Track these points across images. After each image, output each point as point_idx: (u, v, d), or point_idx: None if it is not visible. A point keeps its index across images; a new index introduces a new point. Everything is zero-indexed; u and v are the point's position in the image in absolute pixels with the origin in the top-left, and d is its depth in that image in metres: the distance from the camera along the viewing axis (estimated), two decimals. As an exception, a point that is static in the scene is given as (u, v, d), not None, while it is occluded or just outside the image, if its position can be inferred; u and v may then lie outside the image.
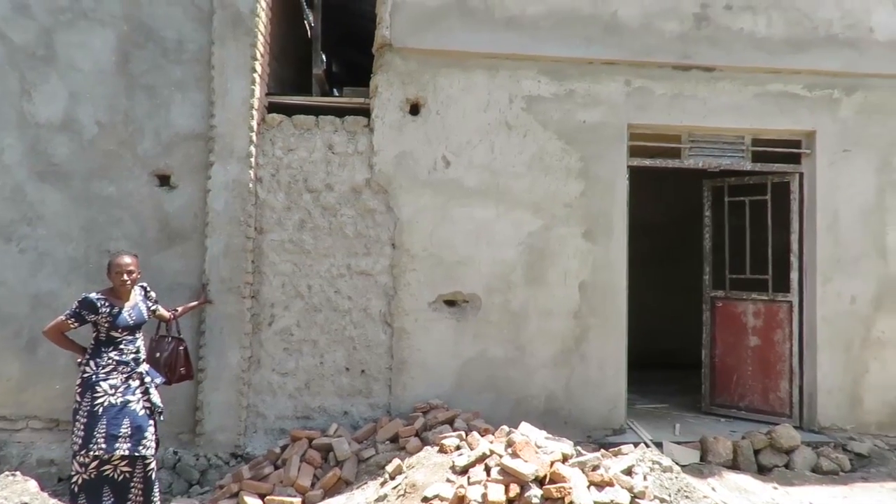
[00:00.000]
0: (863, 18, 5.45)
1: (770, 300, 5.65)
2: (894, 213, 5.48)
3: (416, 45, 5.03)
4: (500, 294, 5.10)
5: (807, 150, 5.50)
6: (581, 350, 5.15)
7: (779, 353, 5.59)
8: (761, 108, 5.39)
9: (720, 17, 5.32)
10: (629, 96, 5.25)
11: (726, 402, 5.88)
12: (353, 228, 5.00)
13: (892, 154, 5.48)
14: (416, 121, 5.08)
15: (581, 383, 5.15)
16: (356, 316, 4.98)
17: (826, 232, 5.41)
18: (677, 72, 5.31)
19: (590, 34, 5.18)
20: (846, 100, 5.46)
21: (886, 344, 5.43)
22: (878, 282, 5.45)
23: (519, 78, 5.16)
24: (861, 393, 5.41)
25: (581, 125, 5.20)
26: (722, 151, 5.51)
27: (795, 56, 5.38)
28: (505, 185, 5.11)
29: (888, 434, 5.36)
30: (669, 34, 5.27)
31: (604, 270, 5.20)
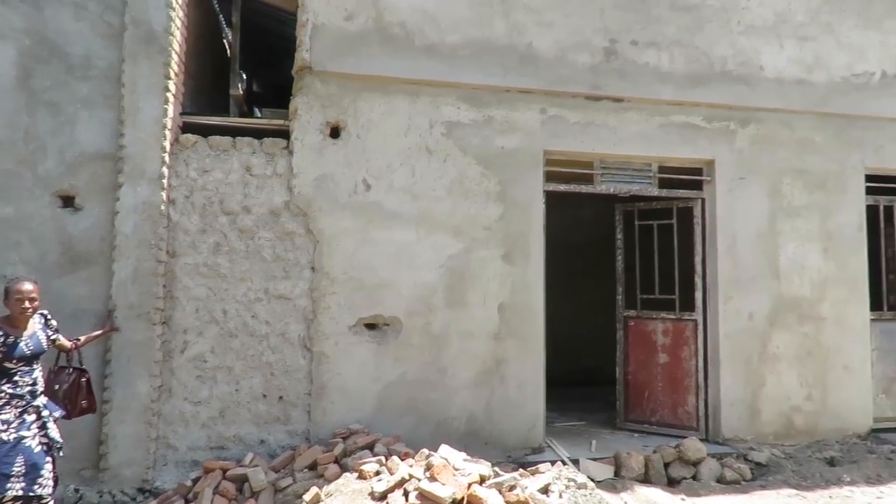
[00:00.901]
0: (753, 57, 5.91)
1: (677, 319, 5.96)
2: (785, 236, 5.92)
3: (337, 68, 5.05)
4: (421, 317, 5.13)
5: (707, 178, 5.88)
6: (501, 371, 5.24)
7: (686, 369, 5.89)
8: (666, 137, 5.73)
9: (628, 51, 5.63)
10: (545, 124, 5.45)
11: (639, 417, 6.11)
12: (272, 251, 4.92)
13: (782, 182, 5.94)
14: (336, 144, 5.08)
15: (501, 404, 5.23)
16: (274, 341, 4.88)
17: (726, 254, 5.78)
18: (589, 102, 5.57)
19: (506, 63, 5.37)
20: (741, 131, 5.89)
21: (781, 358, 5.83)
22: (773, 300, 5.85)
23: (439, 104, 5.27)
24: (759, 405, 5.77)
25: (499, 151, 5.36)
26: (631, 178, 5.80)
27: (695, 90, 5.77)
28: (426, 209, 5.18)
29: (783, 443, 5.72)
30: (581, 66, 5.54)
31: (522, 292, 5.33)
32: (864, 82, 6.18)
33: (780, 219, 5.92)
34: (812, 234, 5.98)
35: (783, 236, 5.92)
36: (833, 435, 5.89)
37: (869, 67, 6.20)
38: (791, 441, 5.78)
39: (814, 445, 5.77)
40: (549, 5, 5.47)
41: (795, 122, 6.02)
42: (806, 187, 5.99)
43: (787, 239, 5.92)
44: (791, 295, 5.90)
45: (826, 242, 6.00)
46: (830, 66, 6.10)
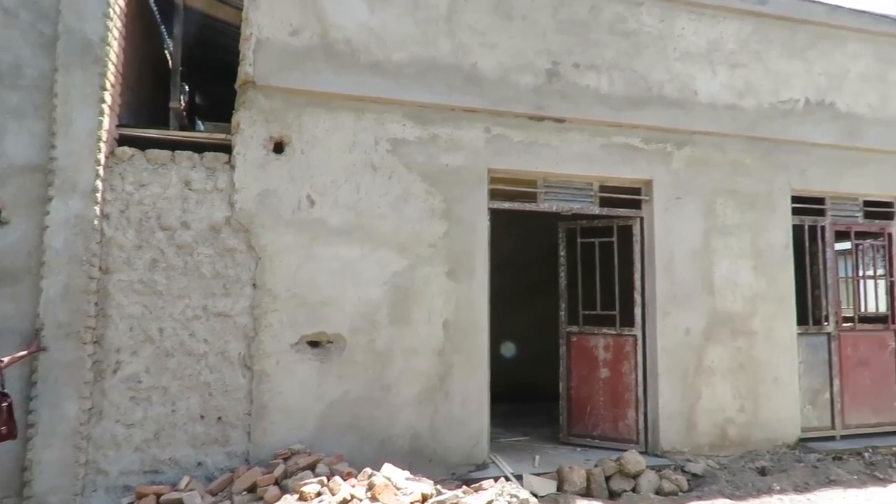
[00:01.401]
0: (688, 82, 6.17)
1: (618, 334, 6.11)
2: (719, 253, 6.16)
3: (281, 83, 5.01)
4: (365, 334, 5.10)
5: (646, 197, 6.08)
6: (445, 387, 5.25)
7: (626, 384, 6.03)
8: (607, 157, 5.90)
9: (569, 73, 5.79)
10: (489, 142, 5.54)
11: (582, 431, 6.21)
12: (212, 268, 4.81)
13: (715, 202, 6.19)
14: (280, 159, 5.02)
15: (445, 420, 5.24)
16: (213, 360, 4.75)
17: (664, 271, 5.97)
18: (532, 122, 5.69)
19: (452, 83, 5.44)
20: (677, 153, 6.12)
21: (715, 371, 6.04)
22: (708, 315, 6.07)
23: (384, 121, 5.28)
24: (696, 417, 5.95)
25: (444, 168, 5.41)
26: (573, 196, 5.94)
27: (634, 112, 5.97)
28: (370, 225, 5.17)
29: (718, 454, 5.92)
30: (525, 87, 5.66)
31: (467, 308, 5.37)
32: (790, 109, 6.52)
33: (714, 237, 6.17)
34: (744, 251, 6.24)
35: (717, 254, 6.16)
36: (764, 445, 6.12)
37: (794, 95, 6.55)
38: (725, 452, 5.97)
39: (746, 456, 5.98)
40: (493, 27, 5.58)
41: (727, 145, 6.30)
42: (738, 207, 6.26)
43: (721, 256, 6.16)
44: (725, 310, 6.13)
45: (756, 260, 6.28)
46: (759, 92, 6.42)
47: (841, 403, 6.58)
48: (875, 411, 6.72)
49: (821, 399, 6.55)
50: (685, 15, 6.23)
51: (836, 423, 6.56)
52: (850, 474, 5.79)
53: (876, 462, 6.11)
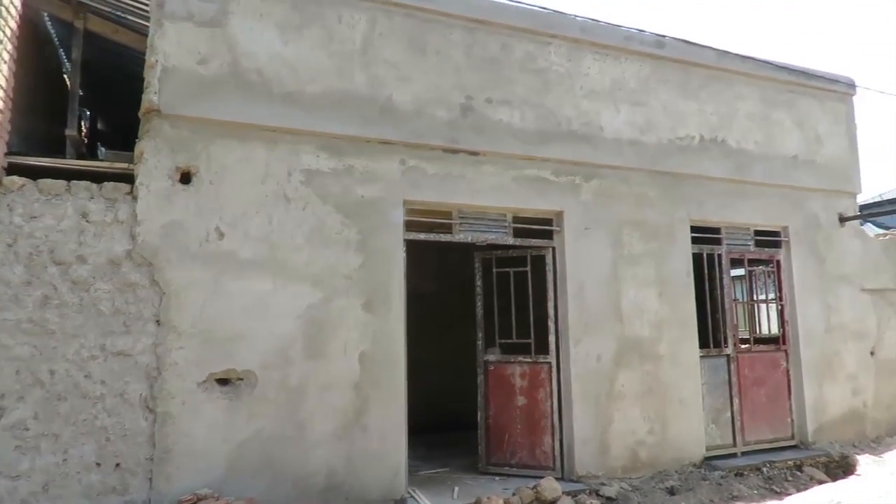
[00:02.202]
0: (595, 119, 6.48)
1: (533, 362, 6.22)
2: (627, 282, 6.43)
3: (188, 112, 4.87)
4: (278, 369, 4.94)
5: (557, 228, 6.28)
6: (362, 422, 5.15)
7: (542, 411, 6.13)
8: (519, 189, 6.07)
9: (483, 108, 5.95)
10: (404, 174, 5.58)
11: (501, 460, 6.24)
12: (111, 304, 4.54)
13: (622, 232, 6.48)
14: (187, 190, 4.85)
15: (362, 456, 5.13)
16: (111, 402, 4.46)
17: (575, 299, 6.16)
18: (447, 154, 5.79)
19: (367, 115, 5.46)
20: (586, 185, 6.38)
21: (626, 396, 6.25)
22: (618, 341, 6.30)
23: (298, 152, 5.22)
24: (609, 441, 6.12)
25: (360, 200, 5.39)
26: (488, 227, 6.06)
27: (545, 146, 6.19)
28: (283, 258, 5.06)
29: (630, 476, 6.09)
30: (440, 120, 5.76)
31: (383, 341, 5.32)
32: (687, 145, 6.97)
33: (622, 266, 6.44)
34: (649, 279, 6.54)
35: (625, 282, 6.42)
36: (673, 465, 6.36)
37: (690, 132, 7.01)
38: (637, 474, 6.16)
39: (657, 476, 6.19)
40: (408, 61, 5.67)
41: (632, 178, 6.63)
42: (643, 237, 6.58)
43: (628, 285, 6.43)
44: (633, 336, 6.38)
45: (661, 287, 6.59)
46: (659, 129, 6.82)
47: (741, 421, 6.96)
48: (771, 428, 7.15)
49: (723, 418, 6.90)
50: (590, 55, 6.56)
51: (737, 440, 6.92)
52: (751, 489, 6.11)
53: (773, 476, 6.47)
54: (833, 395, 7.46)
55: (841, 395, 7.52)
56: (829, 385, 7.45)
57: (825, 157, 7.91)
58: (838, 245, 7.83)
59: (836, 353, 7.57)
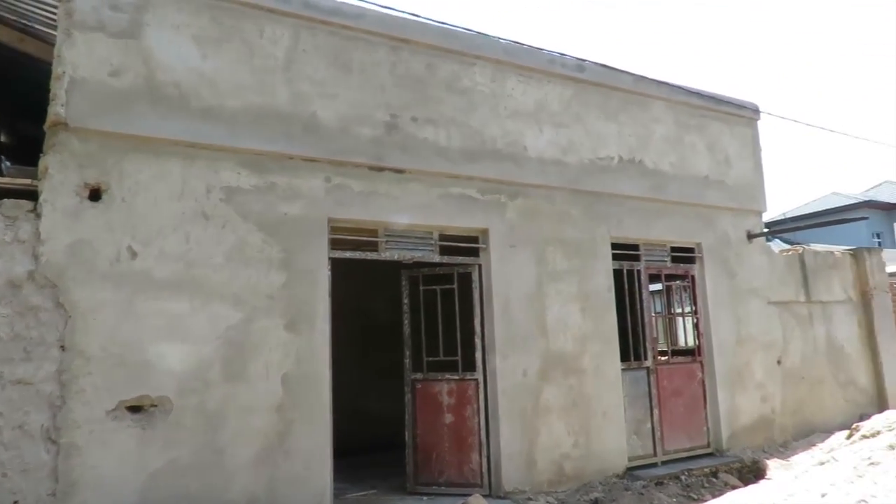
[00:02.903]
0: (519, 138, 6.63)
1: (460, 379, 6.24)
2: (551, 297, 6.57)
3: (99, 126, 4.65)
4: (196, 394, 4.75)
5: (483, 245, 6.36)
6: (285, 446, 5.01)
7: (469, 428, 6.14)
8: (446, 207, 6.12)
9: (408, 126, 5.98)
10: (329, 192, 5.52)
11: (429, 479, 6.20)
12: (9, 329, 4.24)
13: (546, 249, 6.63)
14: (96, 207, 4.62)
15: (285, 481, 4.98)
16: (8, 435, 4.15)
17: (501, 315, 6.24)
18: (373, 172, 5.77)
19: (290, 131, 5.38)
20: (511, 203, 6.51)
21: (551, 410, 6.36)
22: (543, 356, 6.41)
23: (218, 168, 5.08)
24: (535, 456, 6.20)
25: (283, 217, 5.28)
26: (415, 245, 6.07)
27: (470, 165, 6.28)
28: (202, 277, 4.88)
29: (556, 489, 6.18)
30: (365, 138, 5.74)
31: (307, 361, 5.21)
32: (607, 165, 7.23)
33: (546, 282, 6.58)
34: (572, 295, 6.71)
35: (549, 298, 6.56)
36: (597, 477, 6.50)
37: (610, 152, 7.28)
38: (563, 487, 6.26)
39: (582, 489, 6.31)
40: (332, 78, 5.64)
41: (555, 196, 6.81)
42: (566, 254, 6.76)
43: (553, 300, 6.58)
44: (557, 351, 6.52)
45: (584, 303, 6.78)
46: (580, 149, 7.05)
47: (661, 431, 7.21)
48: (689, 436, 7.44)
49: (644, 429, 7.12)
50: (514, 76, 6.73)
51: (658, 450, 7.15)
52: (671, 497, 6.31)
53: (691, 484, 6.72)
54: (744, 404, 7.85)
55: (751, 402, 7.93)
56: (740, 394, 7.83)
57: (734, 178, 8.39)
58: (747, 260, 8.29)
59: (746, 363, 7.98)
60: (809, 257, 9.07)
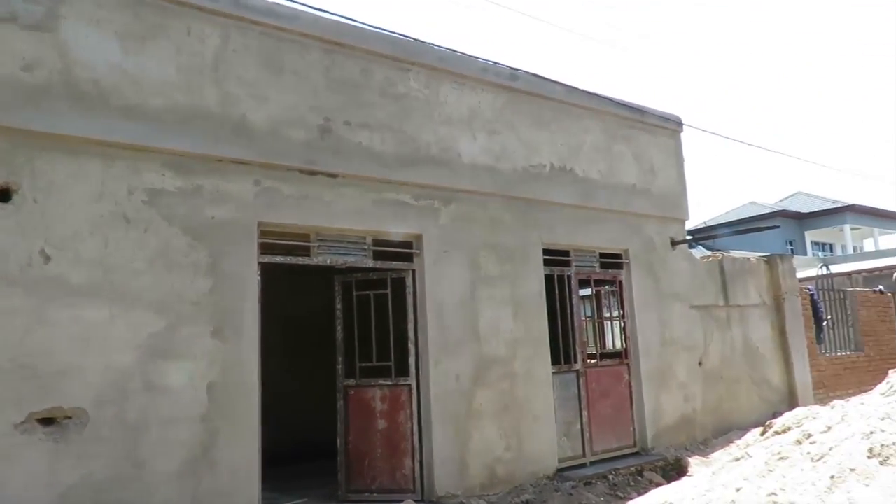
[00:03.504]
0: (453, 144, 6.69)
1: (393, 384, 6.22)
2: (484, 303, 6.65)
3: (8, 122, 4.38)
4: (114, 405, 4.53)
5: (417, 251, 6.37)
6: (210, 457, 4.85)
7: (402, 433, 6.13)
8: (379, 212, 6.10)
9: (341, 130, 5.93)
10: (259, 195, 5.40)
11: (361, 486, 6.14)
12: None
13: (479, 255, 6.71)
14: (5, 209, 4.35)
15: (210, 493, 4.82)
16: None
17: (435, 320, 6.26)
18: (305, 175, 5.69)
19: (218, 133, 5.24)
20: (444, 209, 6.55)
21: (484, 414, 6.42)
22: (476, 361, 6.47)
23: (140, 169, 4.88)
24: (468, 460, 6.24)
25: (210, 221, 5.13)
26: (347, 250, 6.02)
27: (405, 170, 6.28)
28: (122, 283, 4.67)
29: (489, 493, 6.25)
30: (297, 141, 5.66)
31: (235, 370, 5.06)
32: (539, 172, 7.39)
33: (479, 287, 6.65)
34: (504, 300, 6.81)
35: (482, 303, 6.64)
36: (528, 479, 6.60)
37: (542, 160, 7.45)
38: (495, 490, 6.33)
39: (513, 491, 6.40)
40: (263, 79, 5.53)
41: (489, 203, 6.91)
42: (498, 260, 6.85)
43: (486, 305, 6.65)
44: (490, 355, 6.60)
45: (516, 307, 6.89)
46: (513, 157, 7.18)
47: (590, 433, 7.40)
48: (616, 437, 7.68)
49: (573, 430, 7.30)
50: (449, 83, 6.78)
51: (587, 450, 7.34)
52: (598, 497, 6.49)
53: (618, 483, 6.93)
54: (668, 404, 8.17)
55: (674, 402, 8.26)
56: (664, 394, 8.15)
57: (659, 187, 8.74)
58: (671, 266, 8.64)
59: (670, 364, 8.31)
60: (728, 263, 9.54)
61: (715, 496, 4.60)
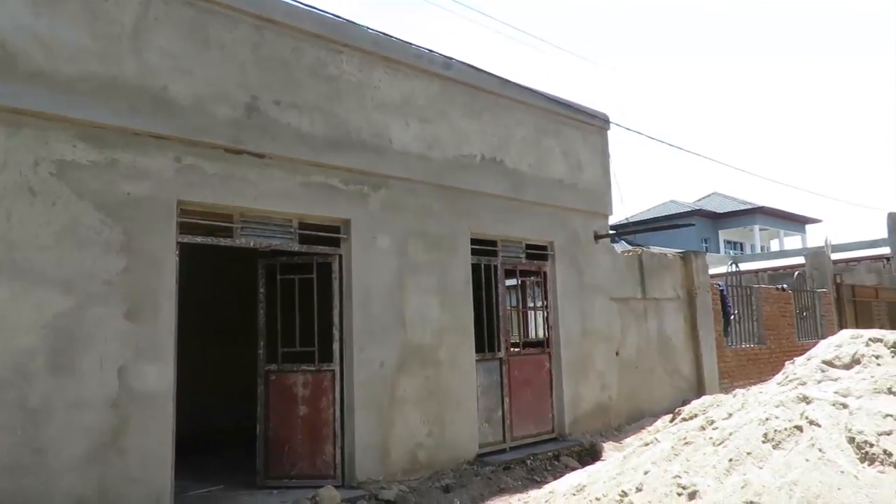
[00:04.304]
0: (384, 130, 6.64)
1: (317, 370, 6.15)
2: (411, 290, 6.67)
3: None
4: (15, 388, 4.27)
5: (344, 236, 6.30)
6: (120, 444, 4.66)
7: (324, 419, 6.08)
8: (307, 195, 5.99)
9: (270, 110, 5.78)
10: (180, 172, 5.19)
11: (281, 473, 6.05)
12: None
13: (408, 242, 6.71)
14: None
15: (119, 481, 4.63)
16: None
17: (360, 306, 6.23)
18: (230, 154, 5.51)
19: (137, 105, 4.99)
20: (374, 195, 6.51)
21: (407, 401, 6.46)
22: (401, 348, 6.49)
23: (48, 139, 4.59)
24: (390, 446, 6.27)
25: (125, 197, 4.89)
26: (273, 233, 5.88)
27: (334, 154, 6.19)
28: (25, 260, 4.40)
29: (410, 478, 6.30)
30: (222, 118, 5.47)
31: (149, 353, 4.87)
32: (469, 162, 7.45)
33: (407, 275, 6.66)
34: (432, 288, 6.85)
35: (409, 290, 6.65)
36: (449, 464, 6.70)
37: (473, 150, 7.51)
38: (416, 475, 6.38)
39: (434, 476, 6.48)
40: (187, 52, 5.30)
41: (419, 190, 6.91)
42: (427, 248, 6.88)
43: (412, 293, 6.67)
44: (415, 343, 6.63)
45: (442, 296, 6.95)
46: (445, 146, 7.21)
47: (510, 419, 7.58)
48: (535, 423, 7.89)
49: (494, 417, 7.45)
50: (382, 68, 6.72)
51: (507, 436, 7.52)
52: (516, 481, 6.67)
53: (535, 468, 7.14)
54: (586, 392, 8.47)
55: (592, 391, 8.57)
56: (583, 383, 8.44)
57: (585, 182, 9.00)
58: (594, 259, 8.93)
59: (589, 354, 8.61)
60: (647, 258, 9.96)
61: (625, 479, 4.82)
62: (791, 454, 3.79)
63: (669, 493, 4.11)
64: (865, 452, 3.52)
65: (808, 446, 3.77)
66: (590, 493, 4.90)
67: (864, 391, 4.23)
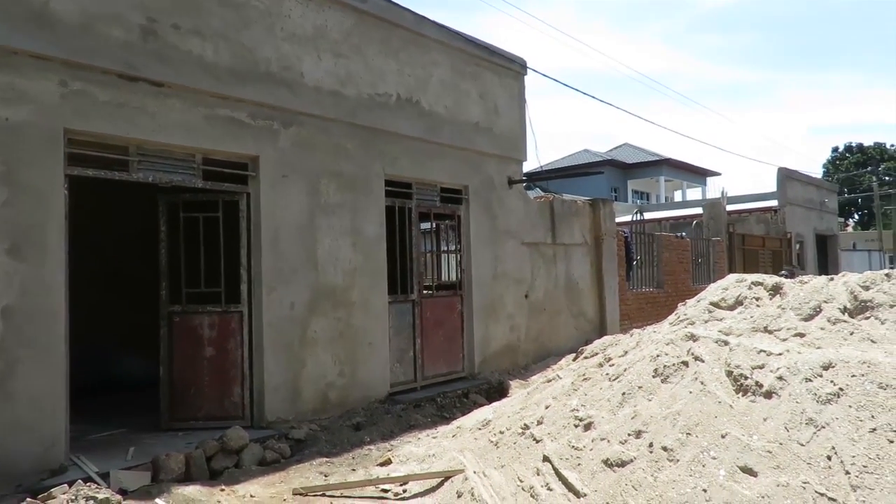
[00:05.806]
0: (295, 63, 6.34)
1: (224, 311, 5.99)
2: (323, 231, 6.55)
3: None
4: None
5: (252, 173, 6.06)
6: (7, 388, 4.39)
7: (232, 360, 5.97)
8: (211, 129, 5.68)
9: (168, 34, 5.36)
10: (66, 98, 4.77)
11: (186, 415, 5.94)
12: None
13: (320, 182, 6.55)
14: None
15: (8, 426, 4.38)
16: None
17: (270, 247, 6.07)
18: (124, 81, 5.10)
19: (13, 20, 4.49)
20: (284, 132, 6.26)
21: (318, 342, 6.44)
22: (312, 289, 6.41)
23: None
24: (300, 386, 6.26)
25: (3, 122, 4.45)
26: (174, 168, 5.56)
27: (240, 86, 5.87)
28: None
29: (321, 417, 6.35)
30: (115, 41, 5.03)
31: (37, 293, 4.56)
32: (385, 102, 7.28)
33: (319, 216, 6.52)
34: (345, 229, 6.76)
35: (321, 231, 6.53)
36: (360, 403, 6.80)
37: (388, 90, 7.33)
38: (327, 414, 6.44)
39: (345, 415, 6.56)
40: (71, -36, 4.79)
41: (332, 128, 6.71)
42: (340, 188, 6.74)
43: (325, 234, 6.56)
44: (327, 284, 6.57)
45: (355, 237, 6.88)
46: (359, 83, 6.99)
47: (422, 359, 7.74)
48: (446, 363, 8.11)
49: (406, 357, 7.58)
50: (293, -3, 6.36)
51: (418, 376, 7.69)
52: (426, 418, 6.87)
53: (445, 405, 7.37)
54: (496, 333, 8.75)
55: (502, 332, 8.86)
56: (493, 324, 8.70)
57: (501, 127, 9.03)
58: (507, 204, 9.08)
59: (500, 296, 8.85)
60: (558, 205, 10.24)
61: (527, 413, 5.07)
62: (677, 387, 4.10)
63: (567, 425, 4.36)
64: (741, 384, 3.85)
65: (692, 380, 4.08)
66: (495, 426, 5.14)
67: (744, 330, 4.60)
